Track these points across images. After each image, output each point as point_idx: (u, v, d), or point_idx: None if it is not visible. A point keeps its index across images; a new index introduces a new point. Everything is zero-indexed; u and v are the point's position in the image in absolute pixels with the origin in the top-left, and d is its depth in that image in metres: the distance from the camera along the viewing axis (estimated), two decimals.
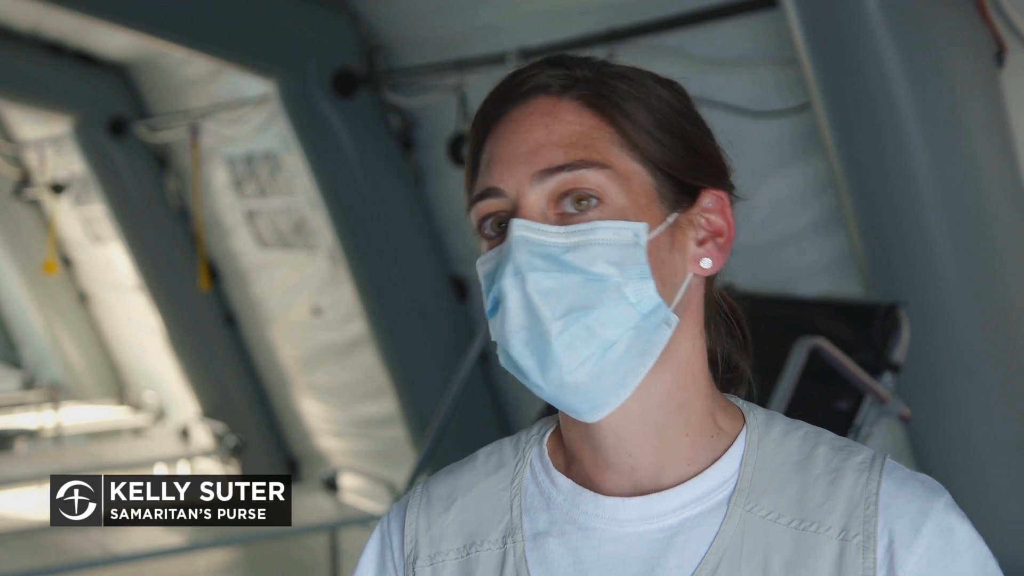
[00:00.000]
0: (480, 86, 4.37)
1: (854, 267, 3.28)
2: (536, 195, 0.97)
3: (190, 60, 5.85)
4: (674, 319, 0.98)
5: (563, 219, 0.97)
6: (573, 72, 1.01)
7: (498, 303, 0.97)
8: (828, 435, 1.03)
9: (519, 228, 0.96)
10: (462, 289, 5.19)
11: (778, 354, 2.64)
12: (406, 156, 5.04)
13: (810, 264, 3.52)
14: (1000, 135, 2.92)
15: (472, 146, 1.04)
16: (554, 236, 0.96)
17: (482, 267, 1.00)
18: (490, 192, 0.99)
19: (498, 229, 0.99)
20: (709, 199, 1.02)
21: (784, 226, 3.50)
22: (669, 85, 1.03)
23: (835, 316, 2.92)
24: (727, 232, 1.02)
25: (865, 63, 2.80)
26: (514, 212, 0.98)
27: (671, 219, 0.99)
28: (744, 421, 1.04)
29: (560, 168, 0.97)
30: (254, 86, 5.49)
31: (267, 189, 6.10)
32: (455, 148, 4.49)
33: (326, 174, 5.04)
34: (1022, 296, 3.00)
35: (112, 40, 6.27)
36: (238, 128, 5.92)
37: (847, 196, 3.00)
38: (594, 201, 0.97)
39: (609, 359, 0.96)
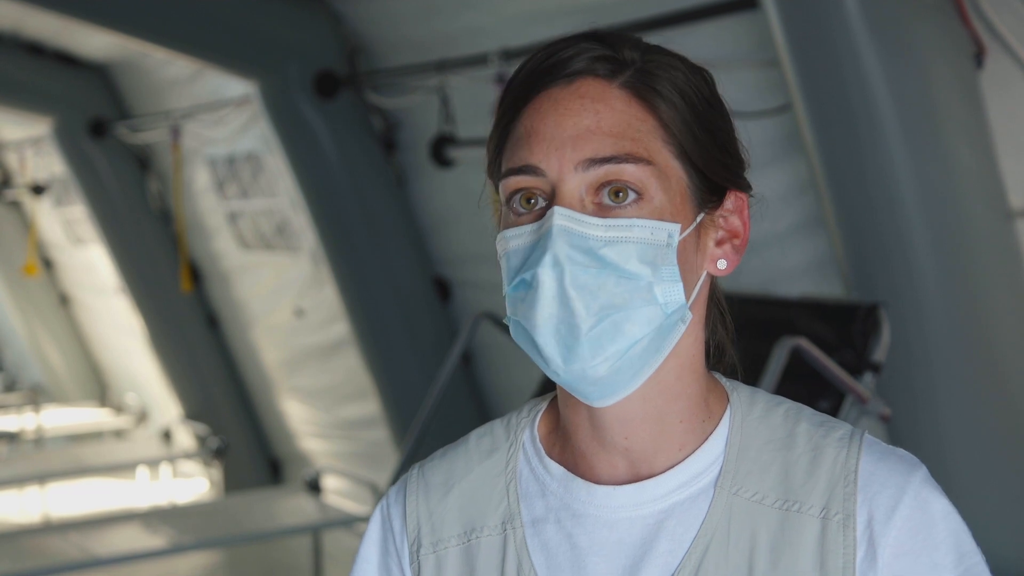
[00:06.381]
0: (462, 87, 4.37)
1: (835, 268, 3.29)
2: (577, 182, 0.97)
3: (171, 61, 5.83)
4: (689, 316, 1.00)
5: (600, 210, 0.97)
6: (620, 55, 1.00)
7: (526, 284, 0.97)
8: (808, 411, 1.06)
9: (561, 217, 0.96)
10: (445, 290, 5.18)
11: (759, 354, 2.64)
12: (388, 157, 5.03)
13: (792, 265, 3.53)
14: (979, 136, 2.93)
15: (503, 116, 1.02)
16: (593, 228, 0.96)
17: (509, 241, 0.99)
18: (527, 169, 0.98)
19: (527, 205, 0.99)
20: (731, 200, 1.03)
21: (766, 227, 3.51)
22: (701, 73, 1.04)
23: (816, 317, 2.93)
24: (743, 234, 1.03)
25: (845, 65, 2.81)
26: (552, 194, 0.97)
27: (699, 219, 1.00)
28: (728, 400, 1.06)
29: (607, 160, 0.96)
30: (235, 87, 5.48)
31: (249, 190, 6.08)
32: (437, 149, 4.48)
33: (308, 175, 5.02)
34: (1000, 296, 3.01)
35: (93, 41, 6.24)
36: (220, 129, 5.91)
37: (827, 197, 3.01)
38: (632, 195, 0.97)
39: (630, 355, 0.97)
